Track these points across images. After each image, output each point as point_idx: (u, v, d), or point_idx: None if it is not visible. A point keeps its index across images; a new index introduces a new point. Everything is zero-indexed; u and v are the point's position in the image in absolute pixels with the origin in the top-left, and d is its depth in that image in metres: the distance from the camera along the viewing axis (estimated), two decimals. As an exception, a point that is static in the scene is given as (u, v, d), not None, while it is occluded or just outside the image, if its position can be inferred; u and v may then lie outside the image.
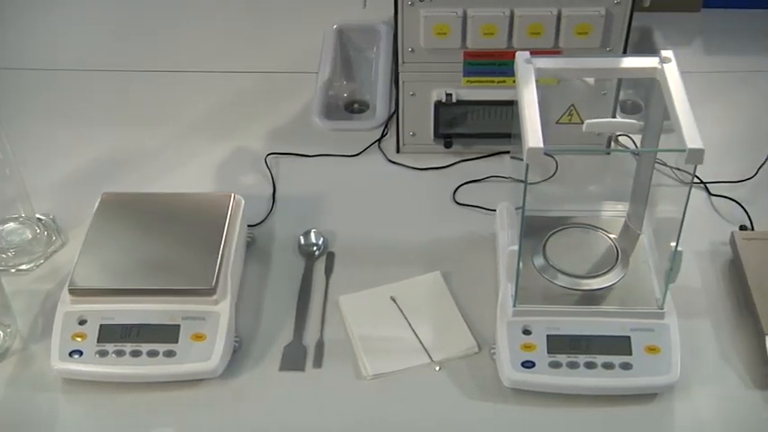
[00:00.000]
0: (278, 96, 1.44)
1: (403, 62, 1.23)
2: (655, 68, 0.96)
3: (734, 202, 1.22)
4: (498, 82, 1.24)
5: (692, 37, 1.56)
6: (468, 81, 1.24)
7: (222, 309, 1.03)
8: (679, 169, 1.27)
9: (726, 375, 1.01)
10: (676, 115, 0.90)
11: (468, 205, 1.24)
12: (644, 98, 1.50)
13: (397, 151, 1.33)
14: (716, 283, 1.11)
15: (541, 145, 0.88)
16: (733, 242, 1.12)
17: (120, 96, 1.45)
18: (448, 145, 1.30)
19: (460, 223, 1.21)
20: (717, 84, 1.45)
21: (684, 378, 1.00)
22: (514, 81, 1.23)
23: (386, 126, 1.37)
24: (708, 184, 1.25)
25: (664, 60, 0.96)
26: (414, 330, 1.07)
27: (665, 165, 1.27)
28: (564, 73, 1.00)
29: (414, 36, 1.20)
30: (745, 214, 1.20)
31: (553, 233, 1.09)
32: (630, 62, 0.99)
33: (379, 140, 1.35)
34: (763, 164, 1.27)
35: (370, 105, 1.44)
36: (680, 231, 0.94)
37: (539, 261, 1.06)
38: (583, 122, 1.31)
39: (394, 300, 1.10)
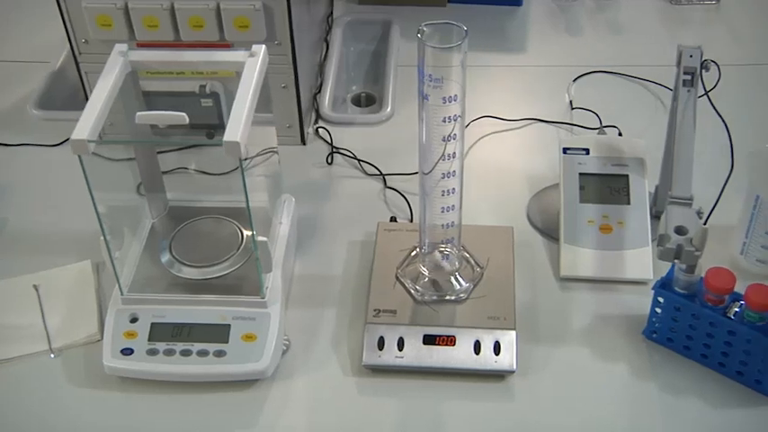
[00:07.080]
0: (7, 85, 1.46)
1: (79, 53, 1.24)
2: (242, 62, 0.98)
3: (400, 195, 1.24)
4: (177, 73, 1.25)
5: (433, 31, 1.57)
6: (148, 73, 1.25)
7: None
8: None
9: (329, 363, 1.03)
10: (233, 108, 0.91)
11: (148, 195, 1.25)
12: (378, 91, 1.52)
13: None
14: (356, 273, 1.13)
15: (85, 137, 0.89)
16: (377, 233, 1.14)
17: None
18: (143, 135, 1.31)
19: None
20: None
21: (289, 365, 1.02)
22: (192, 73, 1.24)
23: (97, 116, 1.38)
24: (386, 176, 1.27)
25: (252, 54, 0.98)
26: (44, 318, 1.08)
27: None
28: (158, 65, 1.01)
29: (83, 27, 1.21)
30: (407, 207, 1.22)
31: (186, 224, 1.11)
32: (221, 56, 1.00)
33: (84, 130, 1.36)
34: (439, 159, 1.28)
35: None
36: (251, 222, 0.96)
37: (163, 251, 1.08)
38: (271, 113, 1.33)
39: (36, 288, 1.12)
